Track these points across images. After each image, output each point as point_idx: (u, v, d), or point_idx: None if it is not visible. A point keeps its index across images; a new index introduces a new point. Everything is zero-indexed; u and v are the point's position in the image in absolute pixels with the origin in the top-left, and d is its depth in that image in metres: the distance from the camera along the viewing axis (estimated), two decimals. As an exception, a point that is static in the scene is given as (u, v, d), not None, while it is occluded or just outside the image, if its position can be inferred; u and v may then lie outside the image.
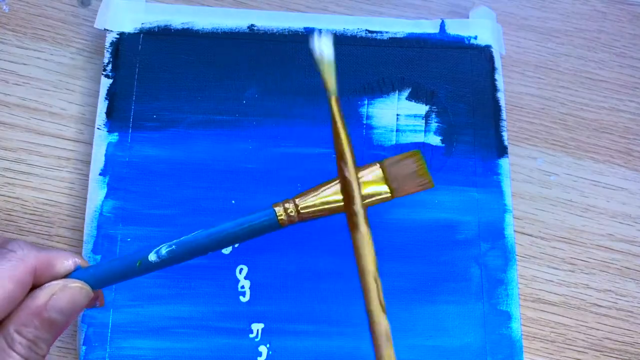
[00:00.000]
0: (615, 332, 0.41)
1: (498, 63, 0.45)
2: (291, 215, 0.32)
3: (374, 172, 0.33)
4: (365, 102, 0.43)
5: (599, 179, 0.44)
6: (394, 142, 0.42)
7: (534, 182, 0.44)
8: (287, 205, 0.32)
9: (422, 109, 0.43)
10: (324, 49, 0.32)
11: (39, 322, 0.27)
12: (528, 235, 0.43)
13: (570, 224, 0.43)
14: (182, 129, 0.41)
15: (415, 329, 0.38)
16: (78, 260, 0.30)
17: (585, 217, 0.43)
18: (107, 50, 0.43)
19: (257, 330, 0.38)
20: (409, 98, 0.43)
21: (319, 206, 0.32)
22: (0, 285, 0.27)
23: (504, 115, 0.43)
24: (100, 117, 0.41)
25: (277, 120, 0.42)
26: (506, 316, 0.39)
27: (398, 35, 0.45)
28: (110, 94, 0.42)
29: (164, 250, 0.31)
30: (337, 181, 0.33)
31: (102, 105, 0.41)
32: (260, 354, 0.37)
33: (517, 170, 0.44)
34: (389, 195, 0.33)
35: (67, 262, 0.29)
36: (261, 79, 0.43)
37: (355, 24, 0.45)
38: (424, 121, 0.43)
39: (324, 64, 0.32)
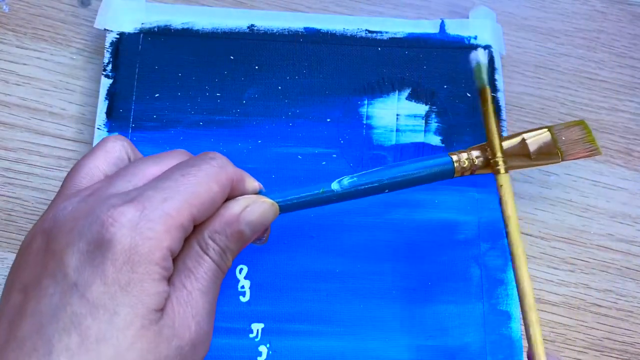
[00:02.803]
0: (615, 332, 0.41)
1: (498, 63, 0.45)
2: (464, 167, 0.34)
3: (543, 136, 0.36)
4: (365, 102, 0.43)
5: (599, 179, 0.44)
6: (393, 142, 0.42)
7: (533, 182, 0.44)
8: (461, 155, 0.35)
9: (422, 109, 0.43)
10: (480, 57, 0.37)
11: (230, 231, 0.28)
12: (528, 235, 0.43)
13: (570, 224, 0.43)
14: (182, 129, 0.41)
15: (415, 329, 0.38)
16: (261, 185, 0.31)
17: (585, 217, 0.43)
18: (107, 50, 0.43)
19: (257, 330, 0.38)
20: (409, 98, 0.43)
21: (490, 160, 0.35)
22: (207, 185, 0.27)
23: (503, 115, 0.43)
24: (100, 117, 0.41)
25: (277, 120, 0.42)
26: (506, 316, 0.39)
27: (398, 35, 0.45)
28: (110, 94, 0.42)
29: (346, 180, 0.32)
30: (514, 138, 0.36)
31: (102, 105, 0.41)
32: (260, 354, 0.37)
33: (517, 170, 0.44)
34: (559, 158, 0.35)
35: (255, 184, 0.31)
36: (261, 79, 0.43)
37: (355, 24, 0.45)
38: (423, 121, 0.43)
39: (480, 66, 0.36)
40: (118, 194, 0.27)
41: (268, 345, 0.37)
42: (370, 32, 0.44)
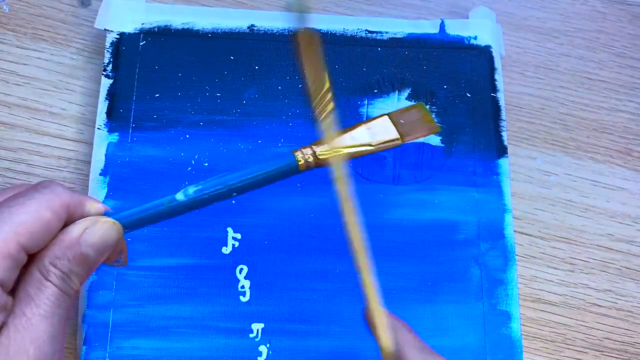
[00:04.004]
0: (615, 332, 0.41)
1: (498, 63, 0.45)
2: (309, 161, 0.34)
3: (383, 121, 0.36)
4: (365, 102, 0.43)
5: (599, 179, 0.44)
6: (393, 142, 0.42)
7: (533, 182, 0.44)
8: (304, 150, 0.34)
9: (422, 109, 0.43)
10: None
11: (72, 255, 0.28)
12: (528, 235, 0.43)
13: (570, 224, 0.43)
14: (182, 129, 0.41)
15: (415, 329, 0.38)
16: (106, 207, 0.31)
17: (585, 217, 0.43)
18: (108, 51, 0.43)
19: (257, 330, 0.38)
20: (409, 98, 0.43)
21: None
22: (38, 213, 0.27)
23: (503, 115, 0.43)
24: (101, 117, 0.41)
25: (277, 120, 0.42)
26: (506, 316, 0.39)
27: (398, 36, 0.45)
28: (111, 94, 0.42)
29: (191, 189, 0.32)
30: (353, 129, 0.36)
31: (102, 106, 0.41)
32: (260, 354, 0.37)
33: (516, 170, 0.44)
34: (399, 139, 0.36)
35: (98, 205, 0.30)
36: (261, 79, 0.43)
37: (355, 24, 0.45)
38: (423, 121, 0.43)
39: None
40: None
41: (268, 345, 0.38)
42: (370, 32, 0.44)
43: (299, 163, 0.33)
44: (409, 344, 0.31)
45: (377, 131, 0.36)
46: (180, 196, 0.31)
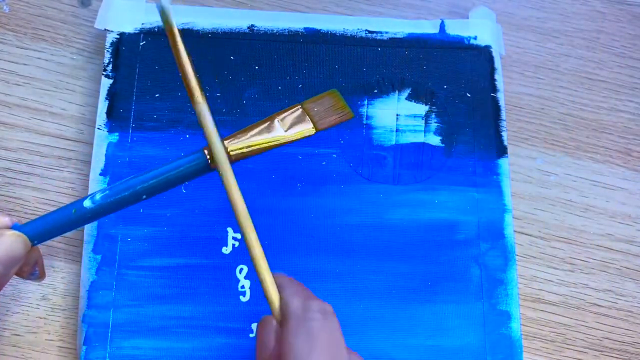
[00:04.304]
0: (615, 331, 0.41)
1: (498, 63, 0.45)
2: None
3: (295, 112, 0.35)
4: (365, 102, 0.43)
5: (599, 179, 0.44)
6: (393, 142, 0.42)
7: (533, 182, 0.44)
8: None
9: (422, 109, 0.43)
10: None
11: None
12: (528, 235, 0.43)
13: (570, 224, 0.43)
14: (182, 129, 0.41)
15: (415, 329, 0.38)
16: (12, 219, 0.30)
17: (585, 217, 0.43)
18: (108, 51, 0.43)
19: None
20: (409, 98, 0.43)
21: (248, 146, 0.33)
22: None
23: (503, 115, 0.43)
24: (101, 117, 0.41)
25: (277, 120, 0.42)
26: (506, 316, 0.39)
27: (398, 36, 0.45)
28: (111, 94, 0.42)
29: (98, 195, 0.30)
30: (266, 121, 0.34)
31: (102, 106, 0.41)
32: (260, 354, 0.37)
33: (516, 170, 0.44)
34: (312, 128, 0.35)
35: (3, 219, 0.29)
36: (261, 79, 0.43)
37: (355, 24, 0.45)
38: (423, 121, 0.43)
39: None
40: None
41: (268, 345, 0.37)
42: (370, 32, 0.45)
43: (209, 160, 0.32)
44: (292, 292, 0.30)
45: (290, 122, 0.35)
46: (87, 203, 0.30)
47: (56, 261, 0.40)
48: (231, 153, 0.32)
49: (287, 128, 0.34)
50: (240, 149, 0.33)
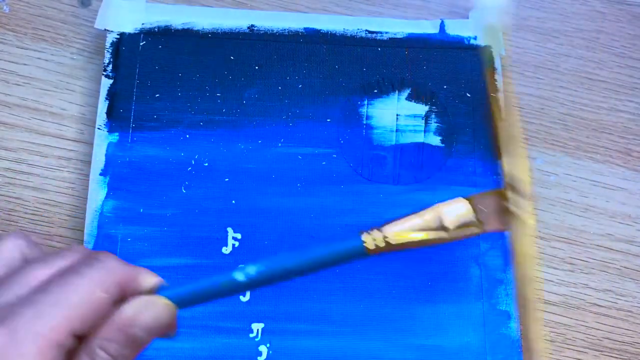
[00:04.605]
0: (615, 331, 0.41)
1: (497, 63, 0.45)
2: (379, 245, 0.32)
3: (460, 205, 0.33)
4: (365, 102, 0.43)
5: (599, 179, 0.44)
6: (393, 142, 0.42)
7: (533, 182, 0.44)
8: (373, 233, 0.32)
9: (422, 109, 0.43)
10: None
11: (123, 337, 0.26)
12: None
13: (570, 224, 0.43)
14: (182, 129, 0.41)
15: (415, 329, 0.38)
16: (161, 280, 0.29)
17: (585, 217, 0.43)
18: (108, 51, 0.43)
19: (257, 330, 0.38)
20: (409, 98, 0.43)
21: (407, 236, 0.32)
22: (91, 295, 0.26)
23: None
24: (101, 117, 0.41)
25: (277, 120, 0.42)
26: (506, 316, 0.39)
27: (398, 36, 0.45)
28: (111, 94, 0.42)
29: (251, 270, 0.30)
30: (429, 213, 0.33)
31: (102, 106, 0.41)
32: (260, 354, 0.37)
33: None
34: (478, 228, 0.33)
35: (152, 279, 0.29)
36: (261, 79, 0.43)
37: (355, 24, 0.45)
38: (423, 121, 0.43)
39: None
40: None
41: (268, 345, 0.38)
42: (370, 32, 0.45)
43: (367, 247, 0.31)
44: None
45: (453, 215, 0.32)
46: (239, 276, 0.30)
47: (56, 261, 0.40)
48: (389, 241, 0.32)
49: (450, 224, 0.32)
50: (399, 238, 0.32)
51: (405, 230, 0.32)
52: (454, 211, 0.33)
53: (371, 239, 0.31)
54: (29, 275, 0.26)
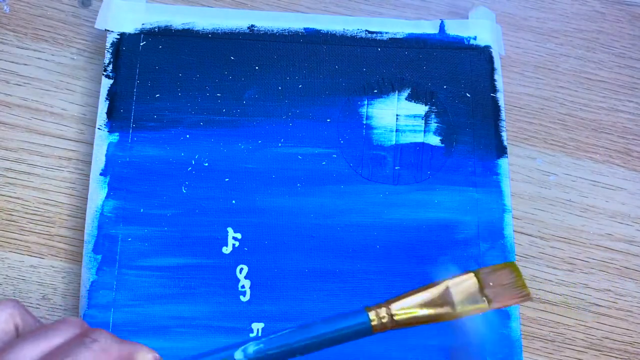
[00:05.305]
0: (615, 331, 0.41)
1: (497, 63, 0.45)
2: (384, 322, 0.31)
3: (469, 282, 0.32)
4: (365, 102, 0.43)
5: (598, 179, 0.44)
6: (393, 142, 0.42)
7: (533, 182, 0.44)
8: (379, 310, 0.31)
9: (422, 109, 0.43)
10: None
11: None
12: (527, 235, 0.43)
13: (570, 224, 0.43)
14: (182, 129, 0.41)
15: (414, 329, 0.38)
16: (157, 356, 0.29)
17: (585, 217, 0.43)
18: (108, 51, 0.43)
19: (258, 329, 0.38)
20: (409, 98, 0.43)
21: (414, 313, 0.31)
22: None
23: (503, 115, 0.43)
24: (101, 117, 0.41)
25: (277, 120, 0.42)
26: (505, 316, 0.39)
27: (398, 36, 0.45)
28: (111, 94, 0.42)
29: (251, 348, 0.29)
30: (437, 289, 0.32)
31: (102, 106, 0.41)
32: (260, 354, 0.37)
33: (516, 170, 0.44)
34: (486, 306, 0.32)
35: (149, 355, 0.28)
36: (261, 79, 0.43)
37: (355, 24, 0.45)
38: (423, 121, 0.43)
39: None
40: None
41: (268, 345, 0.37)
42: (370, 32, 0.45)
43: (373, 324, 0.31)
44: None
45: (460, 292, 0.32)
46: (239, 355, 0.29)
47: (56, 261, 0.40)
48: (396, 318, 0.31)
49: (457, 301, 0.32)
50: (405, 315, 0.31)
51: (412, 306, 0.31)
52: (462, 287, 0.32)
53: (376, 316, 0.31)
54: (19, 356, 0.25)
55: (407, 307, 0.31)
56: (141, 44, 0.43)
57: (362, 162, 0.42)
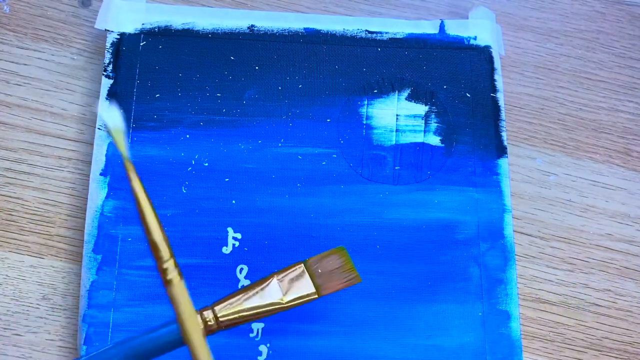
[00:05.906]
0: (615, 331, 0.41)
1: (497, 63, 0.45)
2: (210, 324, 0.31)
3: (297, 271, 0.33)
4: (365, 102, 0.43)
5: (598, 179, 0.44)
6: (393, 142, 0.42)
7: (533, 182, 0.44)
8: (205, 313, 0.31)
9: (422, 109, 0.43)
10: (108, 121, 0.30)
11: None
12: (527, 235, 0.43)
13: (570, 224, 0.43)
14: (182, 129, 0.41)
15: (414, 329, 0.38)
16: None
17: (585, 217, 0.43)
18: (108, 51, 0.43)
19: (258, 329, 0.38)
20: (409, 98, 0.43)
21: (240, 312, 0.31)
22: None
23: (503, 115, 0.43)
24: (101, 118, 0.41)
25: (277, 120, 0.42)
26: (505, 316, 0.39)
27: (398, 36, 0.45)
28: (111, 94, 0.42)
29: None
30: (263, 282, 0.32)
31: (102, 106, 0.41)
32: (260, 354, 0.37)
33: (516, 170, 0.44)
34: (314, 294, 0.33)
35: None
36: (261, 79, 0.43)
37: (355, 25, 0.45)
38: (423, 121, 0.43)
39: (113, 132, 0.30)
40: None
41: (268, 345, 0.38)
42: (370, 32, 0.45)
43: (200, 328, 0.30)
44: None
45: (290, 283, 0.32)
46: None
47: (56, 261, 0.40)
48: (220, 319, 0.31)
49: (285, 291, 0.32)
50: (227, 315, 0.31)
51: (238, 304, 0.31)
52: (289, 277, 0.32)
53: (201, 319, 0.30)
54: None
55: (234, 305, 0.31)
56: (141, 44, 0.43)
57: (362, 162, 0.42)
